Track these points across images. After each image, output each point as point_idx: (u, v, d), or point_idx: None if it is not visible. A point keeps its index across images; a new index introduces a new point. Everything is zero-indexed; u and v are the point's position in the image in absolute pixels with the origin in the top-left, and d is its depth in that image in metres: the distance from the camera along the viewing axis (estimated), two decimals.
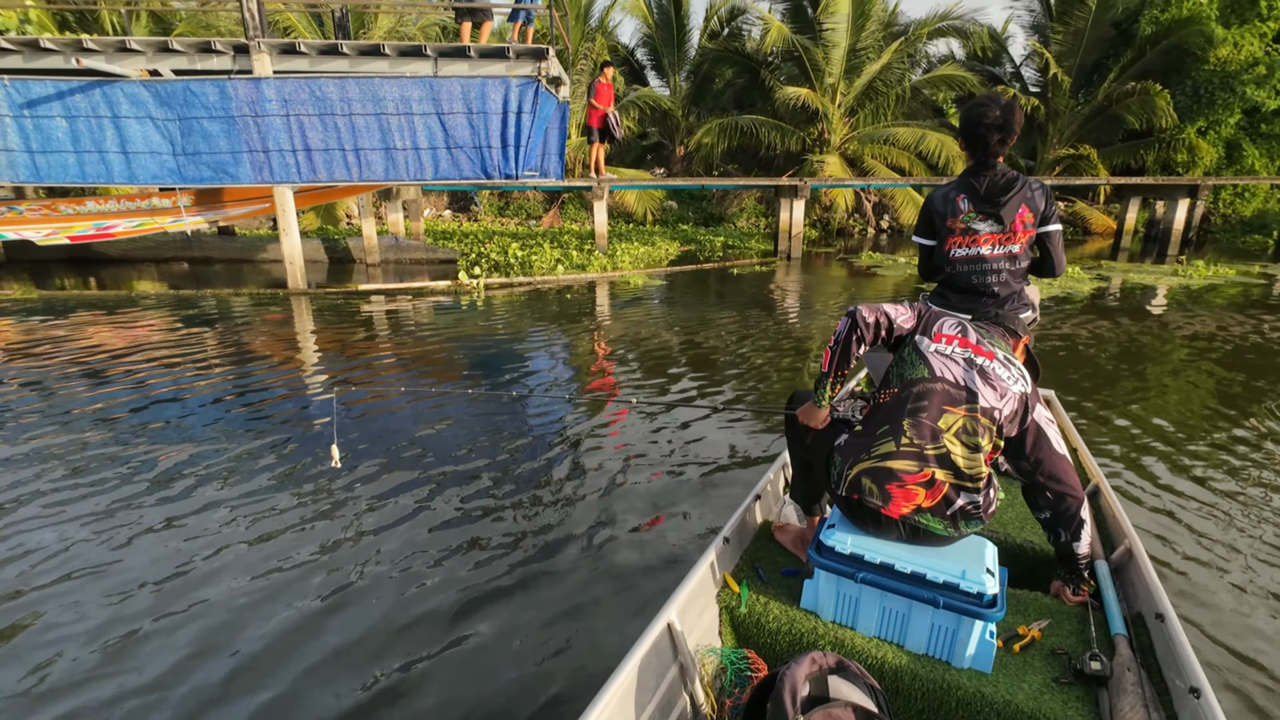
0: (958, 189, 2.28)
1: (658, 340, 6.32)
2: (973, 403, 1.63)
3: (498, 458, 3.58)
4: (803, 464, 2.02)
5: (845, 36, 15.22)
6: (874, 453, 1.65)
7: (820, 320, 7.05)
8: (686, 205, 18.03)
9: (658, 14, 18.98)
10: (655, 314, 7.50)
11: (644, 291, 8.92)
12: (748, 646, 1.80)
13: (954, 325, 1.75)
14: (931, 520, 1.62)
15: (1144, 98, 15.58)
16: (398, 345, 6.12)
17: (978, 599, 1.53)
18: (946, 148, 14.97)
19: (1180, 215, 12.25)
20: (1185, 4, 15.38)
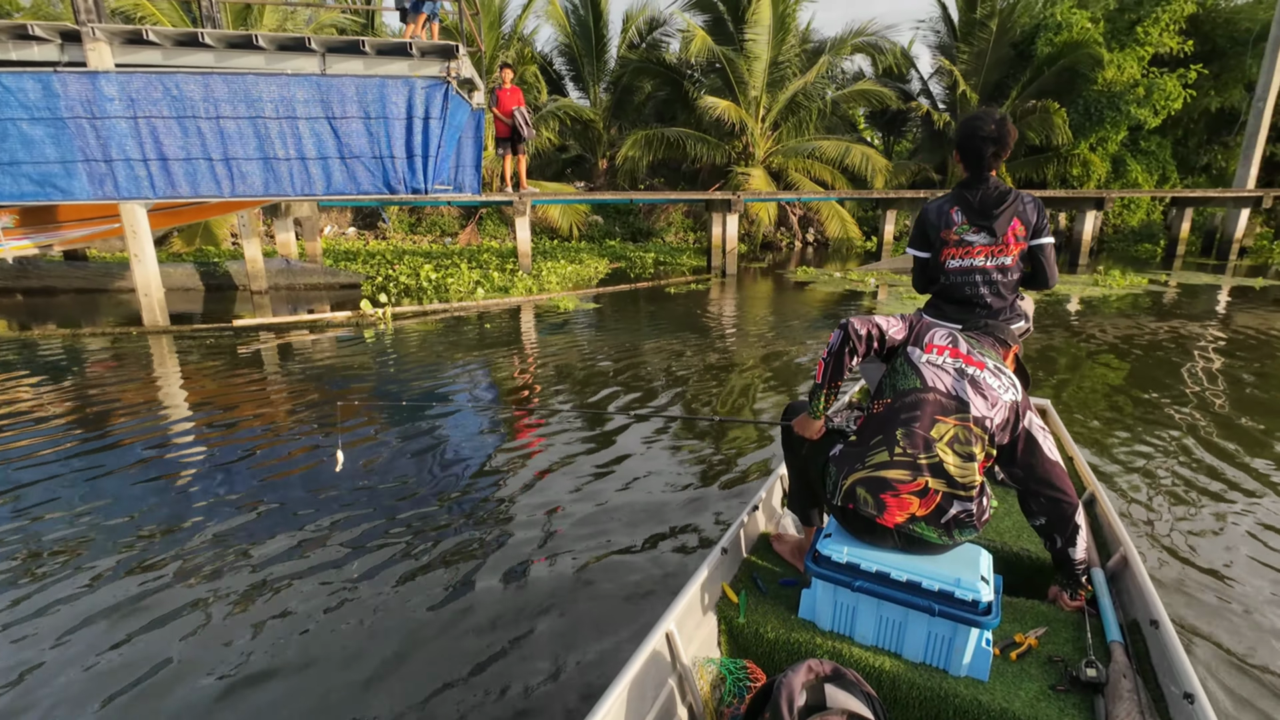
0: (951, 202, 2.31)
1: (595, 369, 5.49)
2: (964, 412, 1.66)
3: (455, 495, 3.19)
4: (799, 475, 2.01)
5: (767, 49, 15.08)
6: (868, 462, 1.67)
7: (771, 342, 6.46)
8: (613, 220, 17.34)
9: (575, 22, 18.31)
10: (590, 340, 6.67)
11: (575, 315, 8.07)
12: (746, 657, 1.81)
13: (945, 336, 1.78)
14: (926, 529, 1.64)
15: (1043, 115, 16.38)
16: (278, 391, 4.96)
17: (973, 606, 1.53)
18: (870, 161, 15.07)
19: (1089, 226, 12.75)
20: (1075, 29, 16.31)
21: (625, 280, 11.11)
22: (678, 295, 9.65)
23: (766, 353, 6.25)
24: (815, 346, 6.53)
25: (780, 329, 7.28)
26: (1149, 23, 16.48)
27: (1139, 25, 16.58)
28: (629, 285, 10.29)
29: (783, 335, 7.03)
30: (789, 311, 8.47)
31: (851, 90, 16.41)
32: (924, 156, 19.67)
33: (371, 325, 7.46)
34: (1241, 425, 4.31)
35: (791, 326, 7.42)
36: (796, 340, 6.74)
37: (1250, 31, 17.96)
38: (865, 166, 15.20)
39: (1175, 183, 18.95)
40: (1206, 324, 7.60)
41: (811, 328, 7.31)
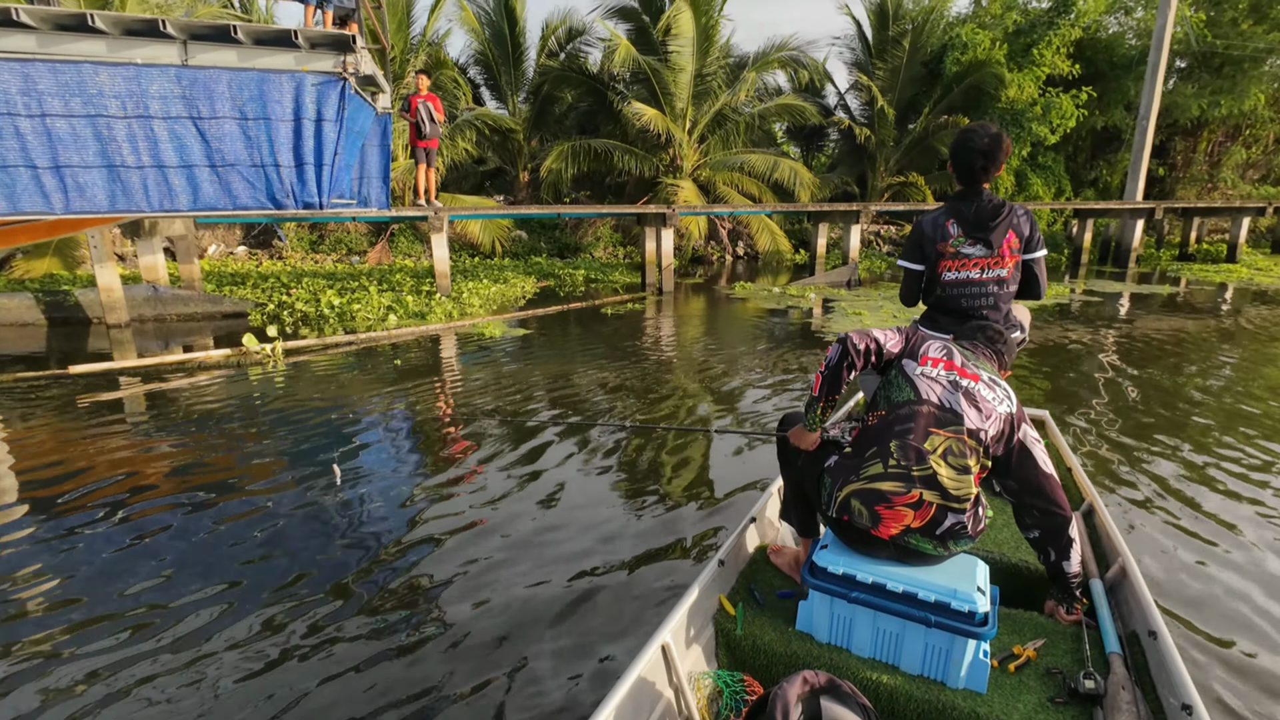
0: (946, 214, 2.33)
1: (529, 400, 4.66)
2: (957, 424, 1.66)
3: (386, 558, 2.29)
4: (795, 486, 2.01)
5: (691, 61, 14.76)
6: (862, 474, 1.68)
7: (720, 366, 5.85)
8: (538, 235, 16.45)
9: (490, 30, 17.40)
10: (521, 370, 5.81)
11: (503, 343, 7.18)
12: (744, 669, 1.79)
13: (939, 348, 1.80)
14: (921, 541, 1.64)
15: (954, 131, 16.97)
16: (127, 455, 3.81)
17: (969, 617, 1.53)
18: (798, 175, 15.01)
19: None
20: (978, 49, 17.05)
21: (555, 300, 10.29)
22: (614, 316, 8.93)
23: (718, 378, 5.63)
24: (768, 369, 5.98)
25: (727, 351, 6.70)
26: (1042, 45, 17.49)
27: (1034, 48, 17.57)
28: (561, 306, 9.47)
29: (731, 357, 6.45)
30: (733, 331, 7.94)
31: (776, 104, 16.39)
32: (843, 170, 20.02)
33: (259, 363, 6.28)
34: (1185, 423, 4.46)
35: (737, 347, 6.85)
36: (747, 364, 6.17)
37: (1127, 56, 19.51)
38: (793, 180, 15.14)
39: (1069, 195, 20.22)
40: (1131, 326, 7.68)
41: (761, 350, 6.78)
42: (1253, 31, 18.35)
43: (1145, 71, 18.49)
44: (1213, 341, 7.28)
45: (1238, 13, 18.67)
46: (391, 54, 13.17)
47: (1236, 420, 4.62)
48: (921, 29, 17.05)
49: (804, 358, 6.64)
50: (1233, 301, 10.19)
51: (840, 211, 12.14)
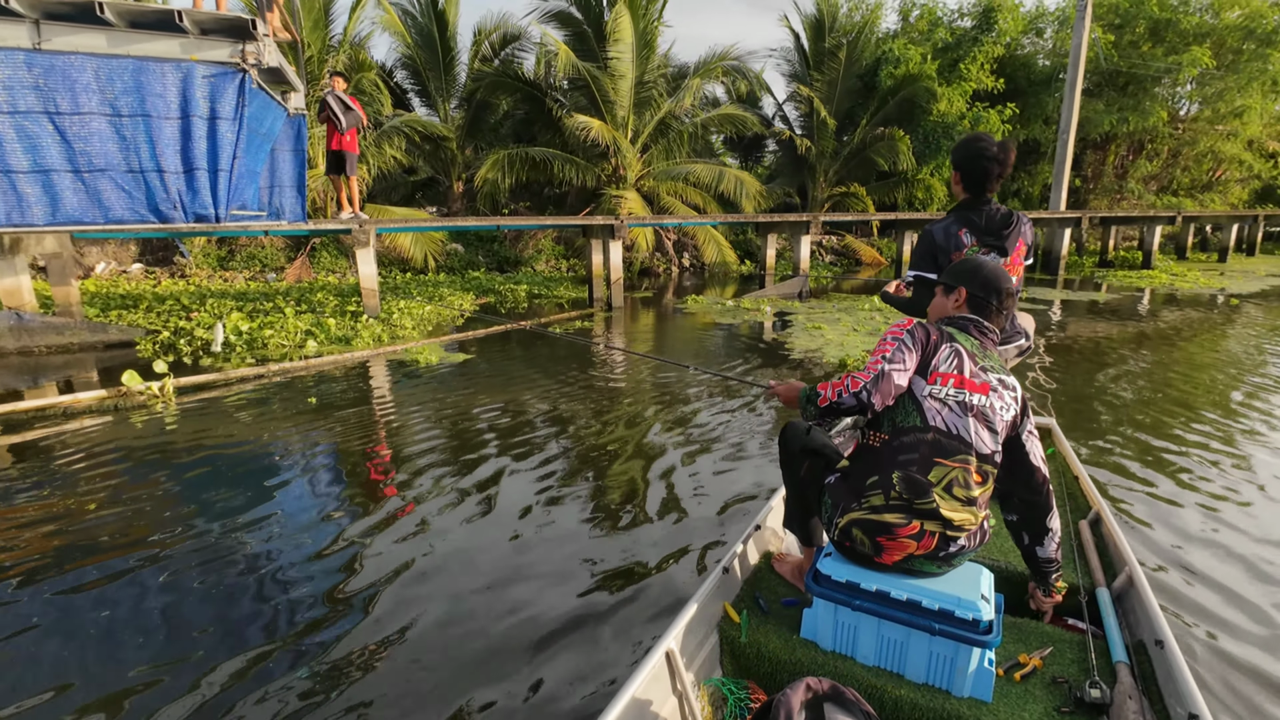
0: (957, 224, 2.31)
1: (474, 439, 3.95)
2: (965, 454, 1.61)
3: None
4: (797, 496, 1.99)
5: (632, 67, 14.35)
6: (864, 504, 1.65)
7: (686, 394, 5.31)
8: (475, 248, 15.57)
9: (417, 33, 16.47)
10: (465, 402, 5.08)
11: (440, 370, 6.40)
12: (748, 677, 1.80)
13: (950, 357, 1.68)
14: (924, 564, 1.63)
15: (890, 142, 17.27)
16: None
17: (973, 625, 1.53)
18: (744, 185, 14.80)
19: None
20: (910, 63, 17.46)
21: (497, 318, 9.52)
22: (562, 335, 8.26)
23: (680, 401, 5.08)
24: (733, 390, 5.49)
25: (689, 374, 6.17)
26: (968, 61, 18.10)
27: (960, 63, 18.17)
28: (503, 326, 8.72)
29: (691, 378, 5.93)
30: (690, 348, 7.43)
31: (719, 114, 16.19)
32: (783, 180, 20.12)
33: (143, 406, 5.26)
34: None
35: (700, 370, 6.34)
36: (710, 384, 5.65)
37: (1043, 74, 20.51)
38: (738, 191, 14.93)
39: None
40: (1088, 329, 7.68)
41: (723, 368, 6.29)
42: (1152, 53, 19.65)
43: (1061, 88, 19.50)
44: (1174, 341, 7.34)
45: (1137, 35, 19.97)
46: (307, 51, 12.12)
47: (1235, 417, 4.46)
48: (856, 42, 17.31)
49: (769, 377, 6.20)
50: (1159, 305, 10.55)
51: (789, 222, 11.93)
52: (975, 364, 1.68)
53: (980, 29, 18.59)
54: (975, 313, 1.83)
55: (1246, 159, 21.40)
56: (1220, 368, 6.50)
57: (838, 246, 19.22)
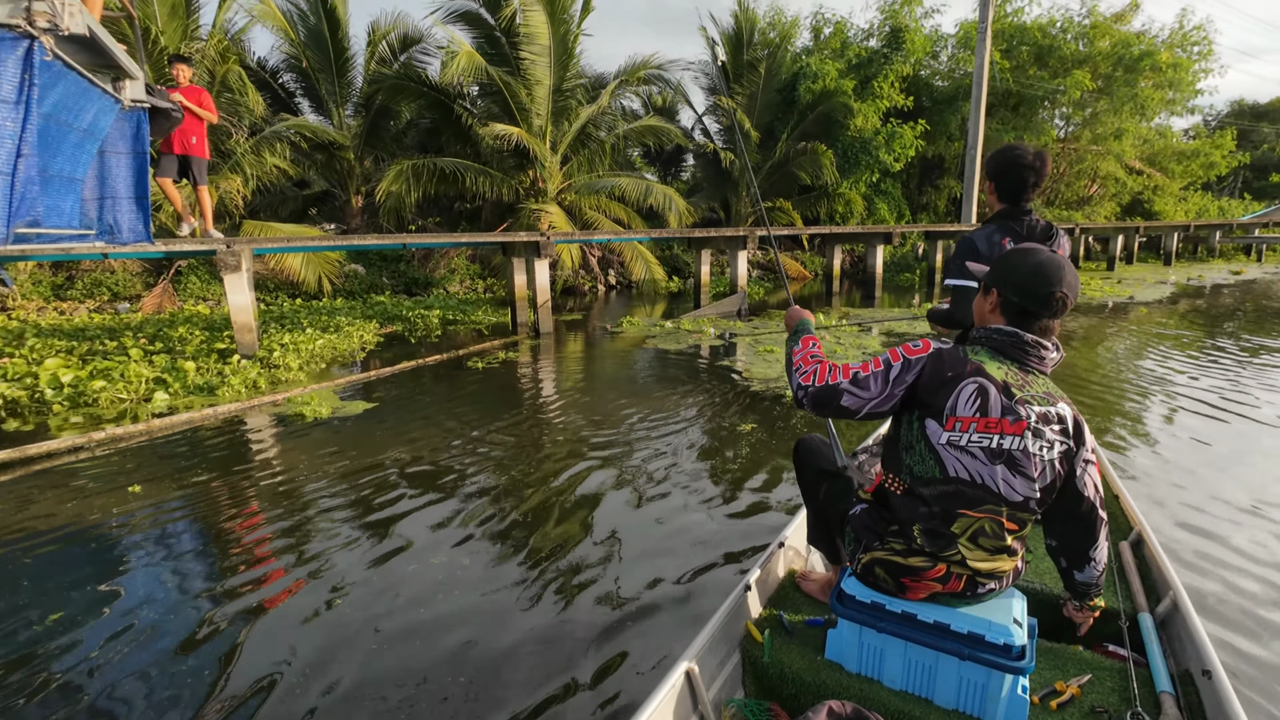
0: (1000, 232, 2.26)
1: (375, 524, 2.82)
2: (995, 503, 1.47)
3: None
4: (819, 517, 1.93)
5: (548, 73, 13.37)
6: (886, 545, 1.57)
7: (646, 429, 4.37)
8: (378, 269, 13.95)
9: (305, 31, 14.76)
10: (358, 466, 3.86)
11: (333, 423, 5.09)
12: (771, 698, 1.75)
13: (969, 398, 1.45)
14: (952, 601, 1.57)
15: (812, 156, 17.25)
16: None
17: (1005, 650, 1.48)
18: (672, 201, 14.13)
19: (879, 260, 13.18)
20: (827, 79, 17.56)
21: (405, 350, 8.17)
22: (484, 370, 7.09)
23: (638, 444, 4.12)
24: (698, 426, 4.60)
25: (638, 407, 5.24)
26: (880, 79, 18.48)
27: (873, 80, 18.53)
28: (412, 362, 7.42)
29: (645, 416, 4.99)
30: (635, 379, 6.49)
31: (641, 125, 15.50)
32: (705, 195, 19.75)
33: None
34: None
35: (647, 400, 5.40)
36: (669, 422, 4.74)
37: (945, 94, 21.39)
38: (666, 206, 14.25)
39: (909, 219, 21.65)
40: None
41: (679, 402, 5.39)
42: (1039, 76, 20.96)
43: (963, 107, 20.38)
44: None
45: (1023, 60, 21.26)
46: (162, 39, 10.26)
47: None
48: (775, 55, 17.20)
49: (731, 409, 5.36)
50: (1112, 309, 10.74)
51: (725, 237, 11.31)
52: (1008, 398, 1.46)
53: (890, 47, 19.06)
54: (1013, 322, 1.55)
55: (1120, 176, 23.26)
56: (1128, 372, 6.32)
57: (763, 261, 19.00)
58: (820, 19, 20.45)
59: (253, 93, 11.33)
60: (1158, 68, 20.21)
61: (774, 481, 3.98)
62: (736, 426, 5.02)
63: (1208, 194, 31.92)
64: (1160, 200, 26.49)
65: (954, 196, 23.24)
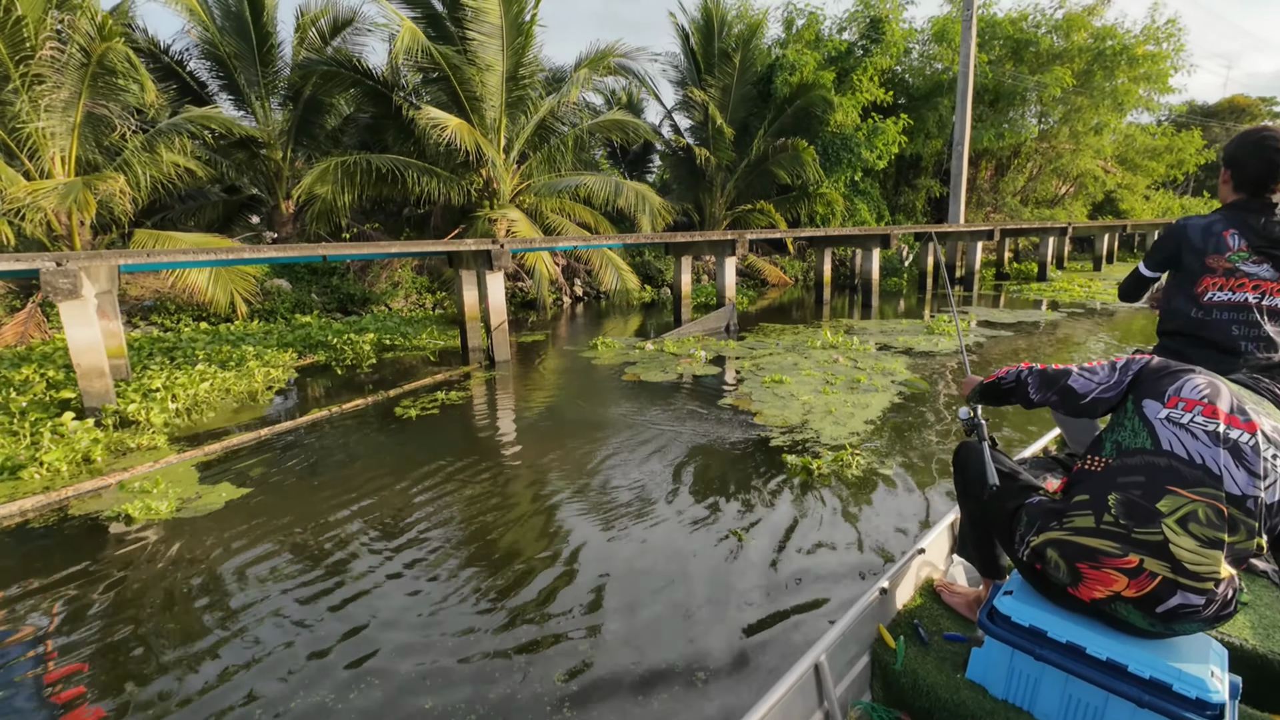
0: (1226, 223, 1.97)
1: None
2: (1212, 486, 1.31)
3: None
4: (975, 521, 1.77)
5: (501, 58, 11.75)
6: (1066, 524, 1.42)
7: (647, 523, 2.85)
8: (307, 284, 12.07)
9: (221, 14, 12.85)
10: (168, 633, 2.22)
11: (171, 531, 3.39)
12: (901, 708, 1.67)
13: (1198, 386, 1.40)
14: (1131, 612, 1.37)
15: (794, 154, 16.00)
16: None
17: (1197, 706, 1.26)
18: (646, 201, 12.63)
19: (876, 265, 11.94)
20: (805, 71, 16.37)
21: (325, 384, 6.43)
22: (418, 419, 5.44)
23: (640, 555, 2.59)
24: (721, 515, 3.09)
25: (631, 480, 3.70)
26: (859, 72, 17.39)
27: (852, 74, 17.43)
28: (322, 411, 5.71)
29: (643, 496, 3.46)
30: (620, 430, 4.94)
31: (606, 119, 13.99)
32: (677, 196, 18.34)
33: None
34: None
35: (640, 470, 3.86)
36: (681, 506, 3.21)
37: (922, 90, 20.50)
38: (639, 207, 12.75)
39: (889, 220, 20.66)
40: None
41: (680, 467, 3.87)
42: (1019, 71, 20.23)
43: (940, 103, 19.48)
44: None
45: (999, 53, 20.53)
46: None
47: None
48: (749, 43, 15.92)
49: (758, 477, 3.88)
50: (1106, 316, 9.65)
51: (711, 242, 9.86)
52: (1238, 402, 1.37)
53: (869, 39, 18.01)
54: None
55: (1099, 173, 22.78)
56: None
57: (741, 266, 17.68)
58: (793, 10, 19.29)
59: (146, 79, 9.37)
60: (1134, 60, 19.70)
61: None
62: (767, 516, 3.52)
63: (1169, 192, 32.13)
64: (1130, 198, 26.26)
65: (933, 196, 22.40)
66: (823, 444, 4.57)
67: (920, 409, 5.48)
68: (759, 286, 17.13)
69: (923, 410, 5.45)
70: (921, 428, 4.98)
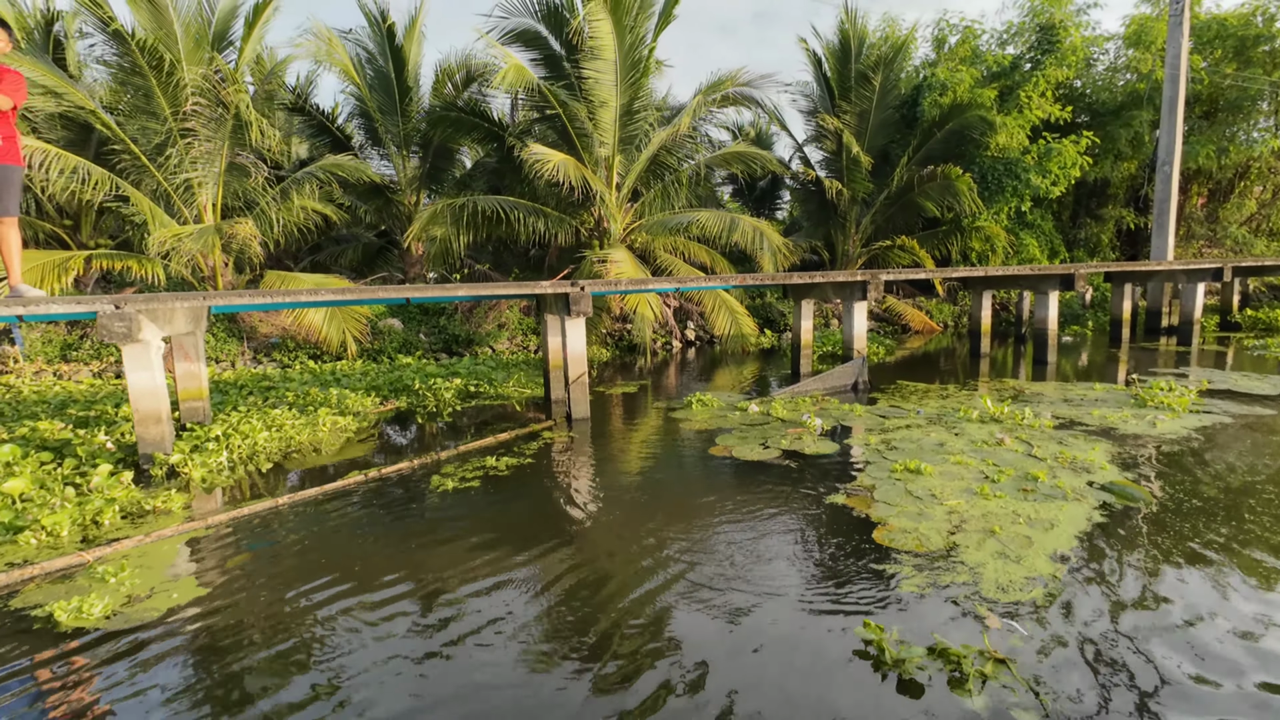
0: None
1: None
2: None
3: None
4: None
5: (615, 93, 11.26)
6: None
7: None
8: (417, 324, 12.17)
9: (374, 73, 13.78)
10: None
11: (109, 637, 2.69)
12: None
13: None
14: None
15: (944, 183, 13.93)
16: None
17: None
18: (764, 237, 11.38)
19: (1054, 311, 9.63)
20: (959, 89, 14.34)
21: (398, 440, 5.88)
22: (456, 493, 4.59)
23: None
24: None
25: (695, 618, 2.41)
26: (1028, 87, 14.97)
27: (1019, 89, 15.04)
28: (361, 475, 5.07)
29: (704, 645, 2.18)
30: (692, 532, 3.70)
31: (727, 152, 13.02)
32: (806, 234, 16.80)
33: None
34: None
35: (705, 607, 2.58)
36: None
37: (1109, 103, 17.33)
38: (757, 243, 11.51)
39: (1064, 257, 17.48)
40: None
41: (755, 637, 2.54)
42: (1252, 74, 16.43)
43: (1135, 117, 16.27)
44: None
45: (1218, 57, 16.84)
46: (174, 58, 9.01)
47: None
48: (890, 64, 14.25)
49: (857, 674, 2.45)
50: None
51: (835, 284, 8.36)
52: None
53: (1040, 49, 15.53)
54: None
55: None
56: None
57: (878, 310, 15.63)
58: (945, 26, 17.28)
59: (255, 124, 9.87)
60: None
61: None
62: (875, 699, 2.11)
63: None
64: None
65: (1124, 228, 18.75)
66: (983, 596, 3.00)
67: (1149, 537, 3.66)
68: (899, 333, 14.98)
69: (1156, 539, 3.62)
70: (1159, 578, 3.21)
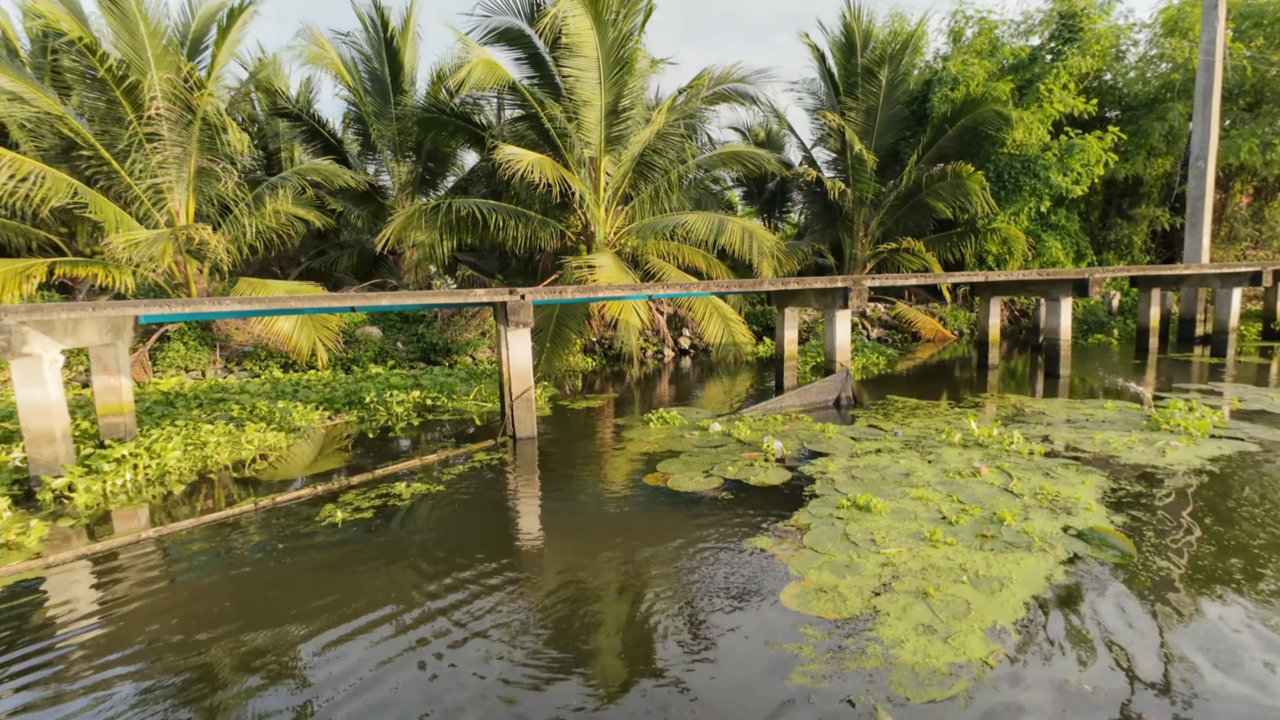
0: None
1: None
2: None
3: None
4: None
5: (599, 91, 10.76)
6: None
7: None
8: (395, 331, 11.83)
9: (367, 75, 13.58)
10: None
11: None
12: None
13: None
14: None
15: (955, 182, 13.09)
16: None
17: None
18: (754, 240, 10.75)
19: (1066, 319, 8.79)
20: (971, 83, 13.49)
21: (322, 461, 5.45)
22: (346, 525, 4.11)
23: None
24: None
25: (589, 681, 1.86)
26: (1049, 79, 14.02)
27: (1038, 82, 14.11)
28: (227, 511, 4.63)
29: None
30: (611, 580, 3.15)
31: (722, 152, 12.44)
32: (814, 235, 16.09)
33: None
34: None
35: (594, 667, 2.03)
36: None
37: (1141, 96, 16.23)
38: (747, 247, 10.88)
39: (1091, 259, 16.40)
40: None
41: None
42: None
43: (1169, 110, 15.16)
44: None
45: (1260, 45, 15.59)
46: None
47: None
48: (899, 58, 13.48)
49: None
50: None
51: (816, 290, 7.70)
52: None
53: (1060, 39, 14.58)
54: None
55: None
56: None
57: (887, 317, 14.81)
58: (960, 19, 16.39)
59: (234, 131, 9.68)
60: None
61: None
62: None
63: None
64: None
65: (1159, 229, 17.53)
66: (889, 695, 2.37)
67: (1119, 606, 2.97)
68: (909, 341, 14.14)
69: (1127, 610, 2.94)
70: (1120, 673, 2.54)
